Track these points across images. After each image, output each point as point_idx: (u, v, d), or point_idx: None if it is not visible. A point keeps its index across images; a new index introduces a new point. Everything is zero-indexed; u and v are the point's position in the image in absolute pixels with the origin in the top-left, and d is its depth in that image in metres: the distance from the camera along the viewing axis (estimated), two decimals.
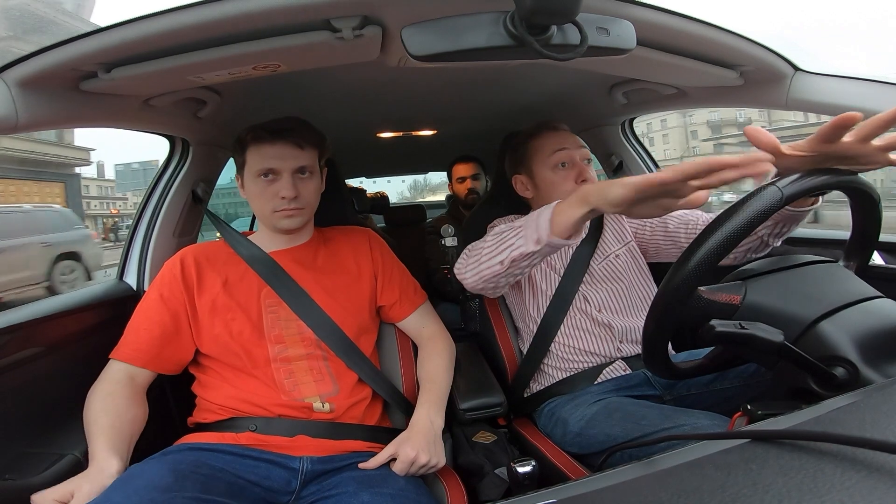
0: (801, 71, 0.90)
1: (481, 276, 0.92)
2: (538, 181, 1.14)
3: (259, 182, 0.95)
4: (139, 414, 0.87)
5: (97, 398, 0.84)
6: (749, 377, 0.92)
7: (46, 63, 0.69)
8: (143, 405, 0.89)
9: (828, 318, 0.56)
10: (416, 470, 0.83)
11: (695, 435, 0.40)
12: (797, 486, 0.29)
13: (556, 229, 0.76)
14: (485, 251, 0.90)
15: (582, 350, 1.07)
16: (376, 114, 1.60)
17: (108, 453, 0.76)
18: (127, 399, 0.85)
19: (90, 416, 0.82)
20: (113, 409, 0.83)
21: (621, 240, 1.16)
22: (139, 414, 0.87)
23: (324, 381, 0.93)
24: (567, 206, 0.76)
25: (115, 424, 0.81)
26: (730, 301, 0.62)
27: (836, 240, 1.13)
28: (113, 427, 0.80)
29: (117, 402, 0.84)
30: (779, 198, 0.55)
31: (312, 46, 0.71)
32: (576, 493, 0.35)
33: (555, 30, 0.61)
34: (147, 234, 1.23)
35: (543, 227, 0.78)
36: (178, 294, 0.94)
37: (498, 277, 0.91)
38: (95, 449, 0.77)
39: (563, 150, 1.09)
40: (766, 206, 0.55)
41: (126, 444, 0.80)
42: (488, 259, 0.89)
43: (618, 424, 0.88)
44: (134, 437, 0.84)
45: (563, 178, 1.09)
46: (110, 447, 0.77)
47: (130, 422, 0.84)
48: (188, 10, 0.63)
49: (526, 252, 0.81)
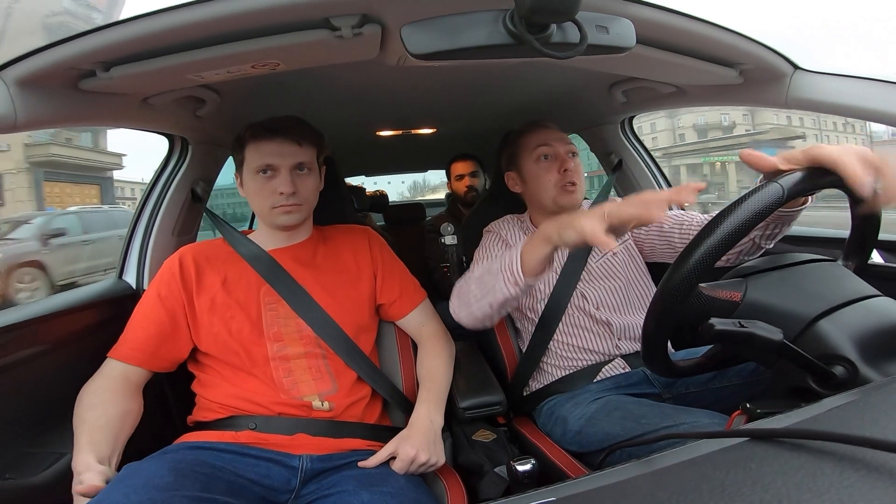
0: (800, 69, 0.90)
1: (475, 316, 0.96)
2: (525, 175, 1.18)
3: (257, 179, 0.95)
4: (131, 408, 0.86)
5: (86, 394, 0.84)
6: (748, 375, 0.92)
7: (45, 62, 0.69)
8: (136, 400, 0.88)
9: (827, 316, 0.56)
10: (416, 468, 0.83)
11: (694, 434, 0.40)
12: (796, 484, 0.29)
13: (526, 269, 0.81)
14: (472, 294, 0.93)
15: (581, 348, 1.08)
16: (376, 112, 1.59)
17: (85, 453, 0.75)
18: (116, 394, 0.85)
19: (79, 412, 0.82)
20: (100, 404, 0.82)
21: (619, 237, 1.16)
22: (131, 408, 0.86)
23: (323, 379, 0.93)
24: (532, 247, 0.80)
25: (98, 419, 0.80)
26: (730, 298, 0.62)
27: (836, 238, 1.13)
28: (96, 422, 0.79)
29: (105, 398, 0.84)
30: (780, 194, 0.55)
31: (311, 45, 0.71)
32: (575, 492, 0.35)
33: (554, 28, 0.61)
34: (146, 232, 1.23)
35: (517, 270, 0.82)
36: (177, 293, 0.94)
37: (491, 316, 0.95)
38: (77, 446, 0.77)
39: (545, 144, 1.14)
40: (768, 203, 0.55)
41: (111, 438, 0.79)
42: (477, 302, 0.92)
43: (617, 423, 0.88)
44: (123, 430, 0.83)
45: (545, 169, 1.14)
46: (89, 444, 0.76)
47: (119, 416, 0.83)
48: (187, 8, 0.63)
49: (509, 296, 0.85)
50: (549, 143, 1.14)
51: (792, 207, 0.80)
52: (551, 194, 1.13)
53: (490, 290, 0.88)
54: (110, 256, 7.55)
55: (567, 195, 1.12)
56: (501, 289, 0.85)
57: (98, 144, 19.52)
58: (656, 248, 1.13)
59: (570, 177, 1.12)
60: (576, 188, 1.12)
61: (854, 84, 0.84)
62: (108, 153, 20.10)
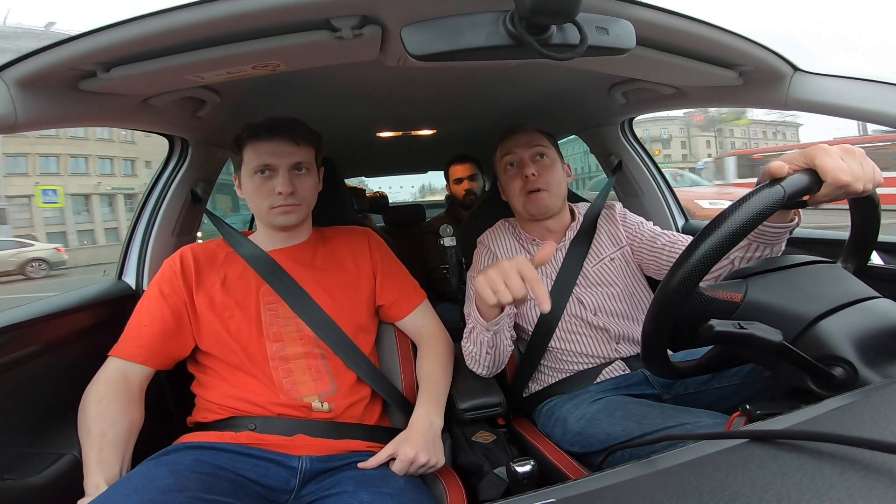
0: (800, 71, 0.90)
1: (486, 365, 1.01)
2: (502, 185, 1.21)
3: (256, 179, 0.95)
4: (135, 419, 0.86)
5: (91, 401, 0.84)
6: (747, 376, 0.92)
7: (45, 62, 0.69)
8: (139, 408, 0.88)
9: (826, 317, 0.56)
10: (416, 469, 0.83)
11: (693, 435, 0.40)
12: (795, 485, 0.29)
13: (486, 318, 0.91)
14: (471, 352, 1.00)
15: (580, 353, 1.07)
16: (375, 113, 1.60)
17: (94, 474, 0.76)
18: (122, 403, 0.85)
19: (85, 421, 0.82)
20: (107, 415, 0.82)
21: (616, 243, 1.16)
22: (135, 419, 0.86)
23: (322, 380, 0.93)
24: (481, 307, 0.91)
25: (105, 434, 0.80)
26: (731, 298, 0.62)
27: (835, 240, 1.13)
28: (104, 437, 0.80)
29: (111, 408, 0.83)
30: (781, 195, 0.55)
31: (312, 46, 0.71)
32: (575, 493, 0.35)
33: (554, 29, 0.61)
34: (146, 233, 1.23)
35: (479, 319, 0.92)
36: (179, 290, 0.94)
37: (495, 361, 1.01)
38: (86, 463, 0.77)
39: (509, 153, 1.15)
40: (769, 203, 0.55)
41: (120, 452, 0.80)
42: (478, 354, 0.99)
43: (619, 423, 0.88)
44: (130, 442, 0.83)
45: (511, 178, 1.15)
46: (98, 463, 0.77)
47: (125, 430, 0.83)
48: (187, 9, 0.63)
49: (490, 338, 0.94)
50: (513, 150, 1.13)
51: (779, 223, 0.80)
52: (519, 202, 1.13)
53: (477, 342, 0.97)
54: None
55: (531, 202, 1.11)
56: (479, 334, 0.95)
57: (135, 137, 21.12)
58: (644, 261, 1.13)
59: (532, 183, 1.09)
60: (542, 194, 1.10)
61: (854, 85, 0.83)
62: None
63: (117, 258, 1.25)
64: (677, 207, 1.60)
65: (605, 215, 1.20)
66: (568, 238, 1.15)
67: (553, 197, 1.12)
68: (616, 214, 1.20)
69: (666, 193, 1.60)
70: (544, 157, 1.13)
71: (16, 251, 13.21)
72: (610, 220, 1.19)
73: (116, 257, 1.26)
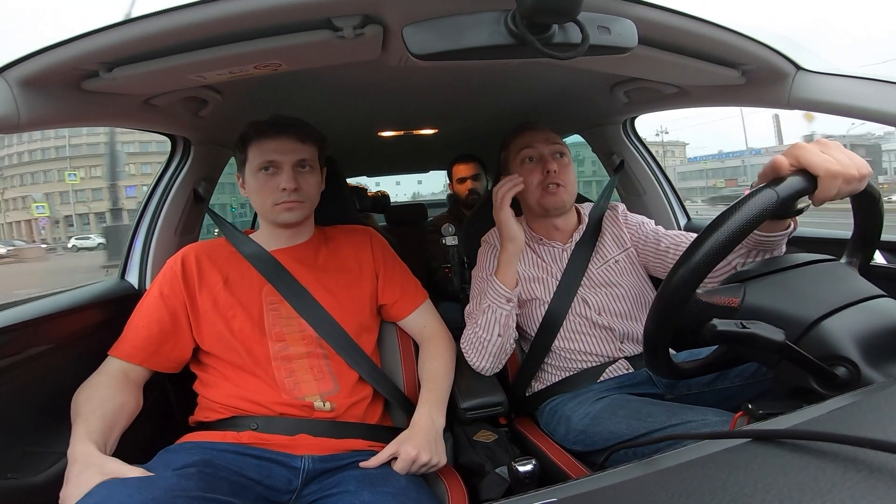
0: (803, 70, 0.90)
1: (492, 353, 1.04)
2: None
3: (259, 176, 0.96)
4: (128, 401, 0.86)
5: (83, 389, 0.85)
6: (750, 376, 0.91)
7: (48, 62, 0.69)
8: (134, 395, 0.88)
9: (829, 317, 0.56)
10: (418, 469, 0.83)
11: (696, 434, 0.40)
12: (798, 485, 0.29)
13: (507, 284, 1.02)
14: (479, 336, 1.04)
15: (584, 351, 1.07)
16: (377, 113, 1.59)
17: (82, 441, 0.75)
18: (112, 388, 0.85)
19: (74, 406, 0.82)
20: (96, 397, 0.82)
21: (621, 245, 1.16)
22: (128, 401, 0.86)
23: (324, 379, 0.93)
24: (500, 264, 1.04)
25: (94, 411, 0.80)
26: (728, 304, 0.62)
27: (837, 239, 1.13)
28: (92, 414, 0.80)
29: (101, 392, 0.84)
30: (774, 199, 0.55)
31: (313, 45, 0.71)
32: (576, 493, 0.35)
33: (556, 28, 0.61)
34: (149, 232, 1.23)
35: (500, 288, 1.02)
36: (178, 292, 0.94)
37: (502, 349, 1.04)
38: (74, 436, 0.77)
39: (528, 146, 1.14)
40: (762, 207, 0.54)
41: (106, 427, 0.79)
42: (488, 340, 1.03)
43: (623, 421, 0.88)
44: (119, 422, 0.83)
45: (529, 171, 1.13)
46: (85, 433, 0.76)
47: (115, 409, 0.83)
48: (189, 9, 0.63)
49: (507, 313, 1.02)
50: (533, 145, 1.13)
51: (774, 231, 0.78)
52: (535, 196, 1.12)
53: (489, 325, 1.01)
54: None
55: (549, 196, 1.11)
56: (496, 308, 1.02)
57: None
58: (649, 262, 1.13)
59: (553, 177, 1.10)
60: (559, 189, 1.10)
61: (857, 84, 0.83)
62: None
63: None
64: (679, 206, 1.59)
65: (608, 217, 1.20)
66: (574, 240, 1.16)
67: (569, 195, 1.13)
68: (619, 215, 1.20)
69: (668, 192, 1.59)
70: (563, 156, 1.14)
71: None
72: (613, 222, 1.19)
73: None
